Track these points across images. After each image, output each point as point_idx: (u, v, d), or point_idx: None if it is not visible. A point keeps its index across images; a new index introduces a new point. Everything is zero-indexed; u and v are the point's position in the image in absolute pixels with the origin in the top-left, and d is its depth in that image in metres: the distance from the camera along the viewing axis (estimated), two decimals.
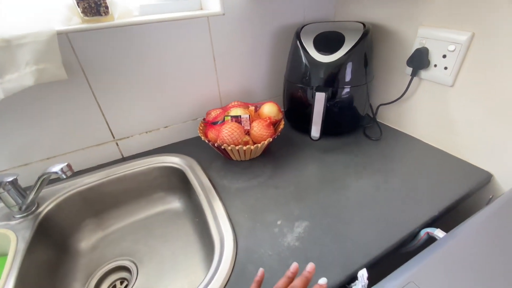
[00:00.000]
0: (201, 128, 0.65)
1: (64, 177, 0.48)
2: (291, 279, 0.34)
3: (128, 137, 0.67)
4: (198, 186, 0.58)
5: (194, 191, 0.58)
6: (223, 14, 0.64)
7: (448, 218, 0.49)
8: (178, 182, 0.66)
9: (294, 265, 0.37)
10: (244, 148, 0.59)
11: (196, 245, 0.59)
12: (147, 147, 0.70)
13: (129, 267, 0.56)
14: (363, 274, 0.36)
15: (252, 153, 0.64)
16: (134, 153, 0.69)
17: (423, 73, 0.62)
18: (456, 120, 0.60)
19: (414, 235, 0.46)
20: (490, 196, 0.50)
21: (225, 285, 0.39)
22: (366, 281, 0.35)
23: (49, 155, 0.60)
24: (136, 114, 0.65)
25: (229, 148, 0.59)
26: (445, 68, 0.57)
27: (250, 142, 0.63)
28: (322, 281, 0.34)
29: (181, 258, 0.57)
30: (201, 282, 0.40)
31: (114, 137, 0.65)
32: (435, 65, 0.59)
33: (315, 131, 0.66)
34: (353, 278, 0.39)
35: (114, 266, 0.57)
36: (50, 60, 0.49)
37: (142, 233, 0.63)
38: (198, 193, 0.56)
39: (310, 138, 0.67)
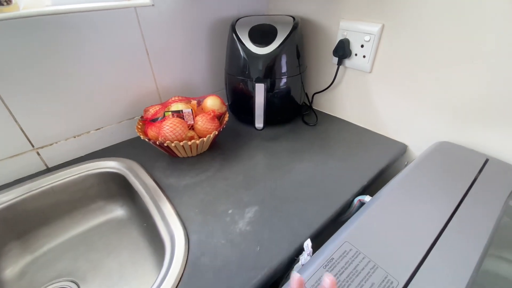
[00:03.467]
0: (139, 126, 0.61)
1: None
2: None
3: (51, 144, 0.59)
4: (141, 188, 0.54)
5: (138, 194, 0.54)
6: (153, 5, 0.61)
7: (376, 185, 0.57)
8: (119, 188, 0.60)
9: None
10: (189, 143, 0.58)
11: (146, 250, 0.56)
12: (77, 154, 0.63)
13: None
14: (307, 244, 0.39)
15: (198, 148, 0.63)
16: (61, 162, 0.61)
17: (347, 62, 0.69)
18: (375, 102, 0.69)
19: (349, 204, 0.51)
20: (406, 163, 0.60)
21: (179, 280, 0.38)
22: (311, 249, 0.38)
23: None
24: (60, 117, 0.58)
25: (173, 144, 0.57)
26: (364, 56, 0.65)
27: (195, 136, 0.62)
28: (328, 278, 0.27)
29: (130, 268, 0.54)
30: (153, 284, 0.38)
31: (33, 146, 0.57)
32: (356, 54, 0.67)
33: (259, 121, 0.68)
34: (301, 250, 0.42)
35: None
36: None
37: (81, 249, 0.57)
38: (143, 196, 0.53)
39: (255, 128, 0.69)
